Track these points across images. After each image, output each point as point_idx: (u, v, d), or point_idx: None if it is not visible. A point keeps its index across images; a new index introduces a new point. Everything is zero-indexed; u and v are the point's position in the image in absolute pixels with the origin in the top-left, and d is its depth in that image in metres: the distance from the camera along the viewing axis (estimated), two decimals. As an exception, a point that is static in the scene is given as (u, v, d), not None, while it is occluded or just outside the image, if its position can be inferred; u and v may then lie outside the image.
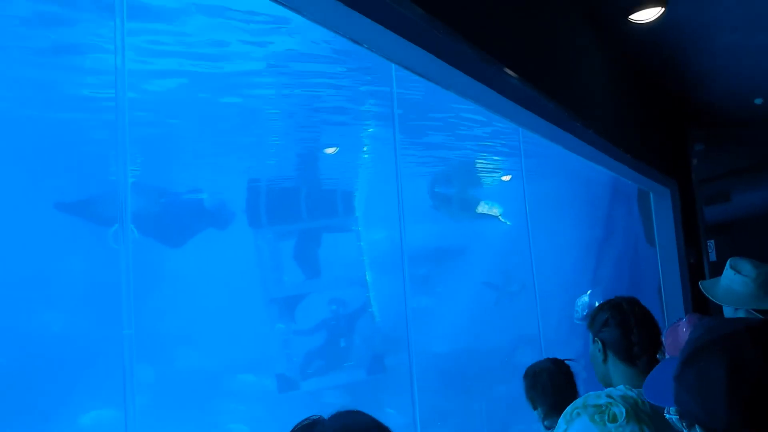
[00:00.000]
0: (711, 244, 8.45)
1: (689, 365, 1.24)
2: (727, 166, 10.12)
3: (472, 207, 9.98)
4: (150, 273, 6.37)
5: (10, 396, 5.74)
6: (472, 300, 8.72)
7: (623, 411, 1.93)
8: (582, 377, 3.33)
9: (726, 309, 2.76)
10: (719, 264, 8.16)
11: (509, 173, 9.22)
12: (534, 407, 3.13)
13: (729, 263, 2.81)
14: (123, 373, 2.95)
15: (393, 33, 2.55)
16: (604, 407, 1.96)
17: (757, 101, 7.28)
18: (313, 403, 7.46)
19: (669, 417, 1.50)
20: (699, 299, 7.24)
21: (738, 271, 2.70)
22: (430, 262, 8.81)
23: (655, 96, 6.99)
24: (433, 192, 9.23)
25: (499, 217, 9.78)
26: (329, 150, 7.86)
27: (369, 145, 7.58)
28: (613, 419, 1.93)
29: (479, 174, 9.43)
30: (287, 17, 4.33)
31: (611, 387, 2.20)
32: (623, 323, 2.25)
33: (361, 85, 5.81)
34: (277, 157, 7.65)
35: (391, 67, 3.10)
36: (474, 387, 8.35)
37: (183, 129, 6.45)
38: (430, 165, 8.52)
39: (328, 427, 1.19)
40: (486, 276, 9.24)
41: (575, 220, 9.68)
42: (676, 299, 7.01)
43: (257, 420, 7.25)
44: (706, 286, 2.89)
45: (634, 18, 4.79)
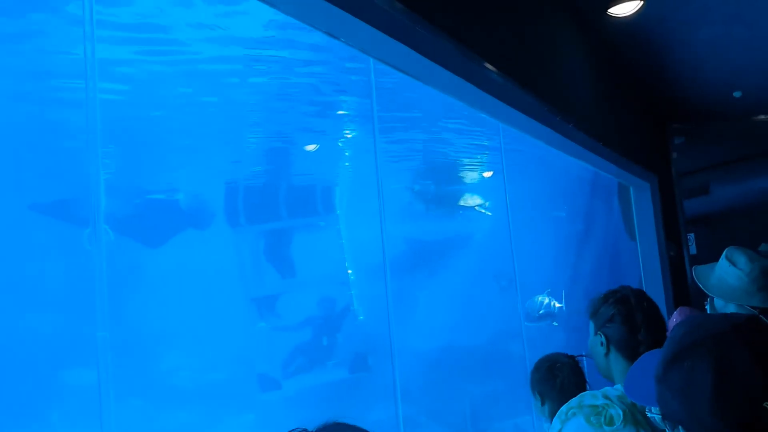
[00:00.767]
0: (691, 237, 8.50)
1: (673, 366, 1.19)
2: (707, 159, 10.20)
3: (452, 202, 9.98)
4: (127, 274, 6.29)
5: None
6: (457, 296, 8.70)
7: (620, 413, 1.90)
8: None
9: (717, 300, 2.65)
10: (700, 257, 8.26)
11: (490, 169, 9.21)
12: (542, 402, 2.88)
13: (726, 253, 2.66)
14: (98, 375, 2.90)
15: (371, 27, 2.51)
16: (600, 408, 1.93)
17: (736, 94, 7.32)
18: (296, 403, 7.42)
19: (651, 416, 1.47)
20: (679, 292, 7.30)
21: (733, 263, 2.58)
22: (413, 258, 8.78)
23: (635, 90, 7.01)
24: (413, 187, 9.20)
25: (482, 211, 9.77)
26: (309, 147, 7.80)
27: (348, 142, 7.53)
28: (610, 422, 1.90)
29: (459, 170, 9.41)
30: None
31: (611, 380, 2.17)
32: (630, 320, 2.13)
33: (340, 79, 5.73)
34: (254, 155, 7.57)
35: (370, 61, 3.05)
36: (458, 383, 8.34)
37: (158, 126, 6.35)
38: (409, 160, 8.47)
39: None
40: (472, 271, 9.22)
41: (555, 214, 9.70)
42: (657, 292, 7.03)
43: (239, 420, 7.20)
44: (699, 274, 2.73)
45: (613, 12, 4.80)
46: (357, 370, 8.09)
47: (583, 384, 2.89)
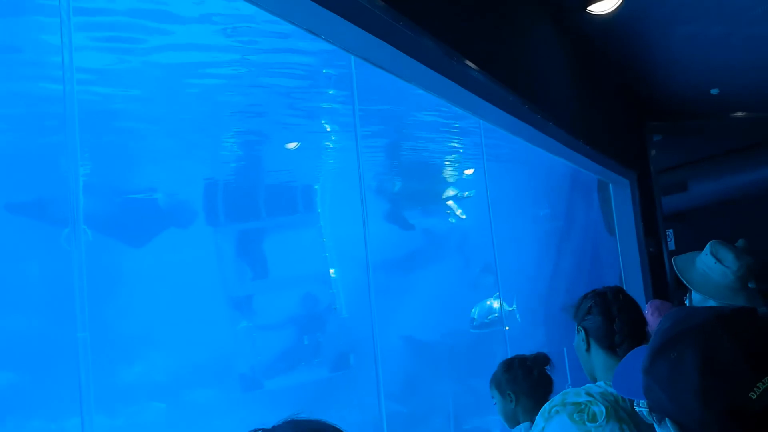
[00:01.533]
0: (670, 233, 8.58)
1: (659, 357, 1.19)
2: (685, 156, 10.31)
3: (432, 199, 9.97)
4: (107, 274, 6.23)
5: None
6: (441, 293, 8.70)
7: (603, 410, 1.90)
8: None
9: (695, 295, 2.60)
10: (678, 252, 8.32)
11: (471, 166, 9.22)
12: (516, 401, 2.85)
13: (710, 248, 2.60)
14: (78, 376, 2.86)
15: (353, 25, 2.50)
16: (583, 405, 1.93)
17: (714, 91, 7.39)
18: (278, 402, 7.39)
19: (639, 410, 1.47)
20: (659, 287, 7.36)
21: (719, 260, 2.53)
22: (394, 257, 8.78)
23: (614, 88, 7.05)
24: (394, 184, 9.19)
25: (458, 213, 9.76)
26: (290, 145, 7.76)
27: (330, 138, 7.50)
28: (593, 418, 1.90)
29: (439, 166, 9.42)
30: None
31: (593, 379, 2.18)
32: (606, 311, 2.19)
33: (320, 74, 5.69)
34: (234, 153, 7.51)
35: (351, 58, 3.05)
36: (441, 380, 8.34)
37: (136, 126, 6.28)
38: (385, 157, 8.42)
39: None
40: (455, 269, 9.23)
41: (535, 210, 9.74)
42: (636, 288, 7.09)
43: (220, 420, 7.15)
44: (680, 265, 2.68)
45: (592, 9, 4.82)
46: (339, 368, 8.07)
47: (551, 381, 2.91)
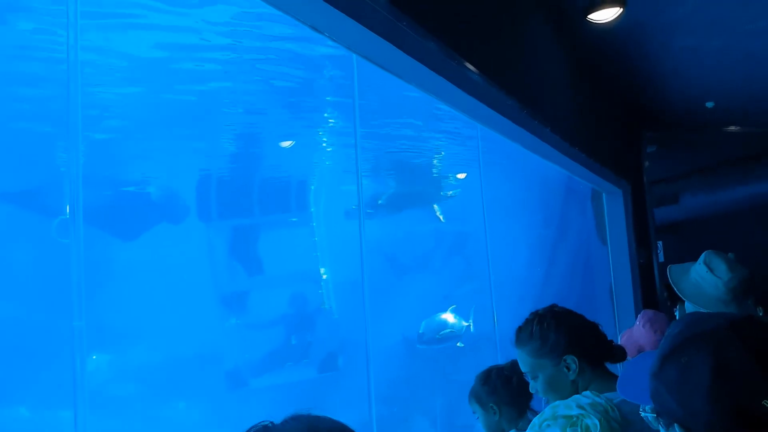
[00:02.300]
0: (659, 245, 8.60)
1: (670, 361, 1.18)
2: (677, 168, 10.34)
3: (424, 201, 9.96)
4: (96, 266, 6.19)
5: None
6: (434, 297, 8.67)
7: (597, 423, 1.87)
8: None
9: (688, 305, 2.58)
10: (667, 265, 8.34)
11: (464, 171, 9.22)
12: (499, 413, 2.82)
13: (704, 258, 2.59)
14: (73, 366, 2.83)
15: (356, 22, 2.49)
16: (575, 419, 1.89)
17: (709, 104, 7.42)
18: (263, 401, 7.36)
19: (645, 416, 1.45)
20: (648, 299, 7.38)
21: (711, 270, 2.51)
22: (384, 259, 8.76)
23: (612, 97, 7.07)
24: (389, 185, 9.18)
25: (438, 217, 9.75)
26: (284, 143, 7.73)
27: (326, 137, 7.48)
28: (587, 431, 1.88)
29: (433, 169, 9.41)
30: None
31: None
32: (565, 325, 2.30)
33: (318, 72, 5.67)
34: (227, 148, 7.47)
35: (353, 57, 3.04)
36: (430, 382, 8.32)
37: (129, 119, 6.24)
38: (381, 158, 8.40)
39: None
40: (446, 272, 9.22)
41: (529, 218, 9.74)
42: (626, 297, 7.12)
43: (205, 417, 7.12)
44: (674, 276, 2.66)
45: (593, 18, 4.82)
46: (327, 369, 8.05)
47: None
